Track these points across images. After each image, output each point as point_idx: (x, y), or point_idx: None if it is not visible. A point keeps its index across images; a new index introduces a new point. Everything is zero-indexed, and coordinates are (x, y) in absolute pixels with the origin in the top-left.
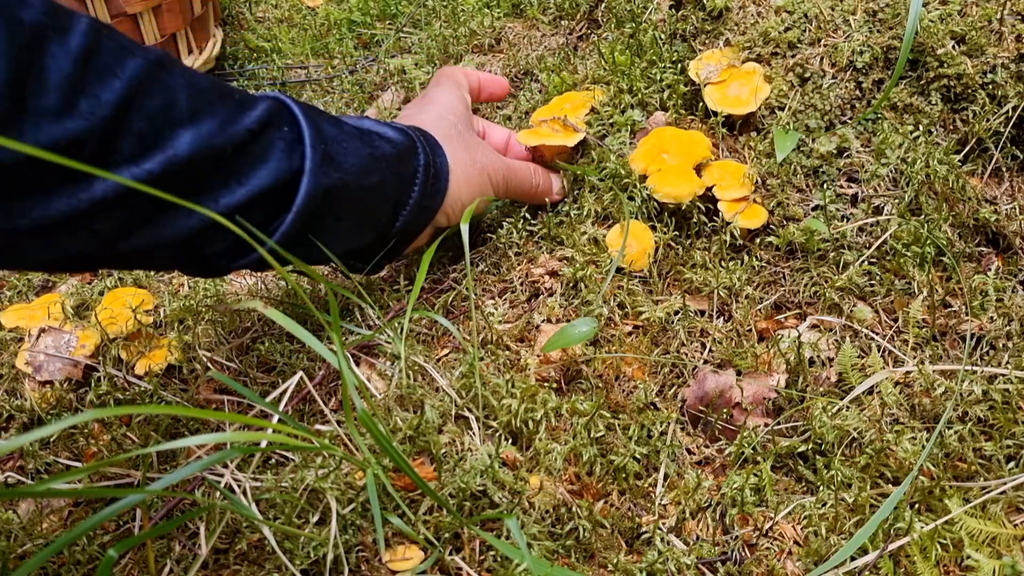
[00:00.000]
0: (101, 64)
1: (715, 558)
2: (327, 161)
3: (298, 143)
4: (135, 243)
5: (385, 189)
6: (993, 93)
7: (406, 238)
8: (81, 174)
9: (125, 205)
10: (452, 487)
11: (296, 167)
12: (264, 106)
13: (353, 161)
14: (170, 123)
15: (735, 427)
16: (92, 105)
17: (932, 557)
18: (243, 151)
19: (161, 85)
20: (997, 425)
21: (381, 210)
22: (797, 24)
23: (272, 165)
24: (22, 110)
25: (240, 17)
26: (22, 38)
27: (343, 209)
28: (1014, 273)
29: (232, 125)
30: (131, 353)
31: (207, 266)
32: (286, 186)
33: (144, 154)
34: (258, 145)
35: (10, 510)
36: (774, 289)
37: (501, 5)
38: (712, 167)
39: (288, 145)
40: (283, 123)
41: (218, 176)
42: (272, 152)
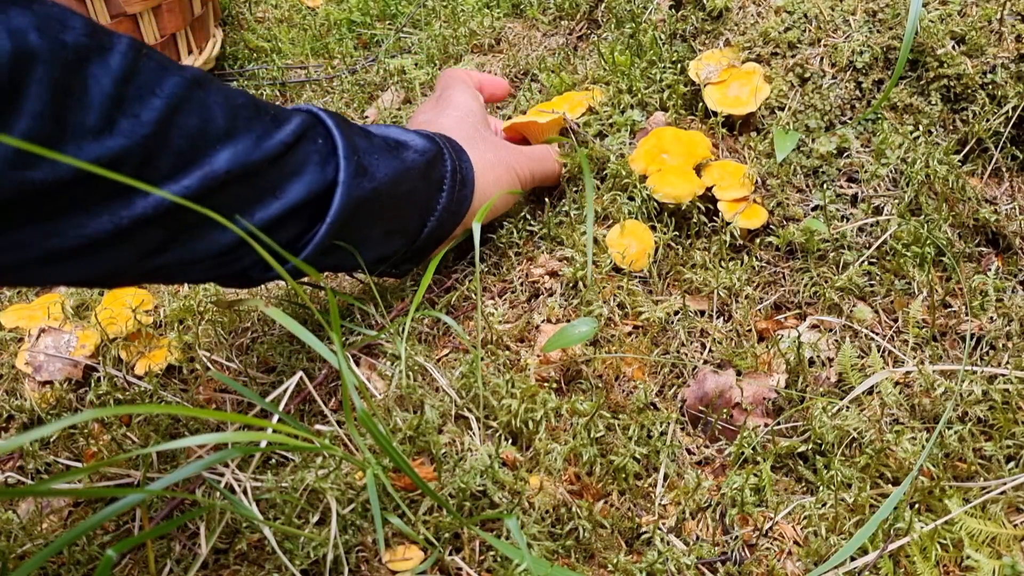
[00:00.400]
0: (141, 83)
1: (715, 558)
2: (360, 172)
3: (332, 155)
4: (171, 258)
5: (415, 197)
6: (993, 93)
7: (434, 242)
8: (122, 192)
9: (163, 222)
10: (452, 487)
11: (331, 179)
12: (298, 120)
13: (385, 171)
14: (208, 140)
15: (735, 427)
16: (132, 124)
17: (932, 557)
18: (278, 165)
19: (199, 103)
20: (997, 425)
21: (411, 217)
22: (797, 24)
23: (307, 178)
24: (63, 130)
25: (240, 17)
26: (65, 59)
27: (375, 218)
28: (1014, 273)
29: (267, 140)
30: (131, 353)
31: (242, 278)
32: (321, 198)
33: (183, 171)
34: (293, 159)
35: (10, 510)
36: (774, 289)
37: (501, 5)
38: (712, 167)
39: (322, 158)
40: (317, 136)
41: (254, 191)
42: (307, 165)
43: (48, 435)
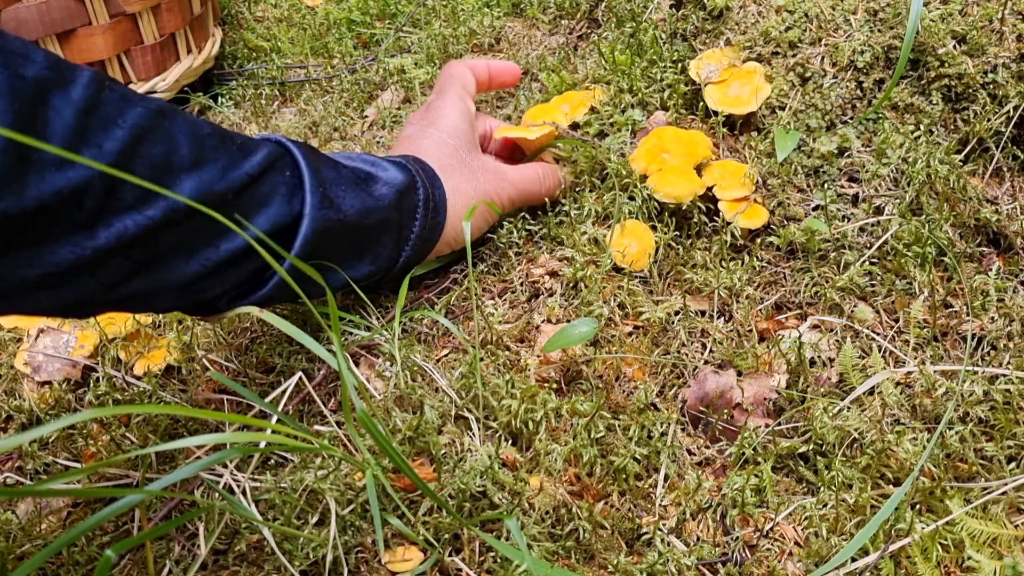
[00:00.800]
0: (103, 114)
1: (716, 559)
2: (327, 204)
3: (299, 188)
4: (136, 288)
5: (387, 226)
6: (994, 93)
7: (406, 269)
8: (84, 223)
9: (128, 252)
10: (452, 488)
11: (296, 211)
12: (265, 151)
13: (352, 204)
14: (172, 170)
15: (736, 428)
16: (94, 155)
17: (933, 558)
18: (244, 196)
19: (163, 133)
20: (998, 426)
21: (383, 245)
22: (798, 23)
23: (273, 210)
24: (26, 162)
25: (239, 16)
26: (26, 93)
27: (343, 247)
28: (1015, 273)
29: (233, 170)
30: (130, 353)
31: (208, 307)
32: (287, 229)
33: (146, 201)
34: (259, 190)
35: (9, 511)
36: (775, 289)
37: (501, 4)
38: (712, 167)
39: (289, 190)
40: (284, 167)
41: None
42: (273, 196)
43: (47, 435)
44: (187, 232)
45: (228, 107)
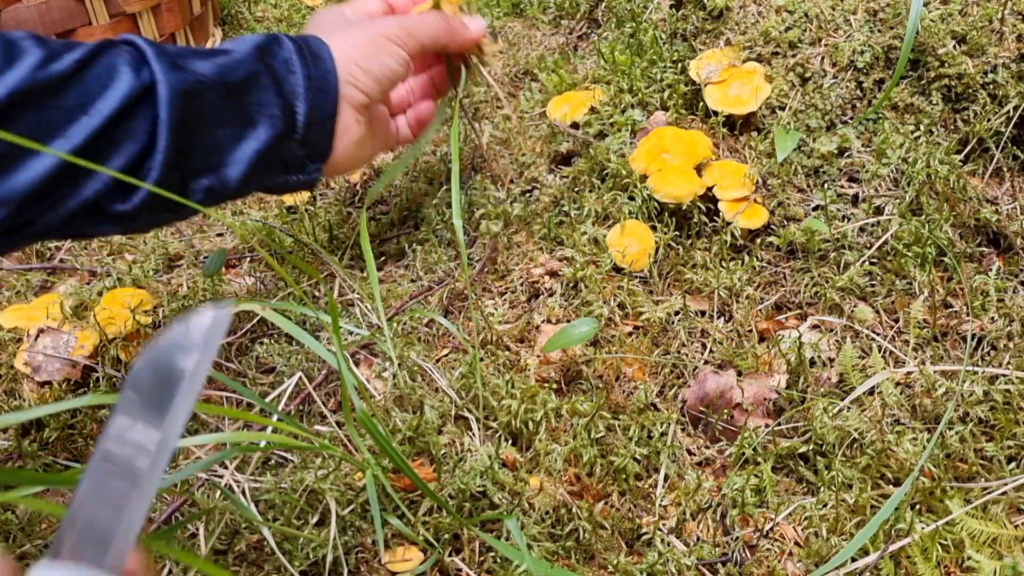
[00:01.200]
0: None
1: (716, 559)
2: (177, 68)
3: (142, 62)
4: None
5: (258, 80)
6: (994, 93)
7: (322, 129)
8: None
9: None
10: (452, 488)
11: (147, 80)
12: (92, 44)
13: (206, 66)
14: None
15: (736, 428)
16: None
17: (933, 558)
18: (76, 81)
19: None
20: (998, 426)
21: (267, 103)
22: (798, 24)
23: (119, 86)
24: None
25: (239, 16)
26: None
27: (219, 111)
28: (1015, 273)
29: (55, 62)
30: (130, 353)
31: (92, 218)
32: (142, 102)
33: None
34: (93, 72)
35: (8, 511)
36: (775, 289)
37: (501, 4)
38: (713, 167)
39: (131, 64)
40: (120, 51)
41: (56, 112)
42: (115, 74)
43: (38, 416)
44: (20, 130)
45: None
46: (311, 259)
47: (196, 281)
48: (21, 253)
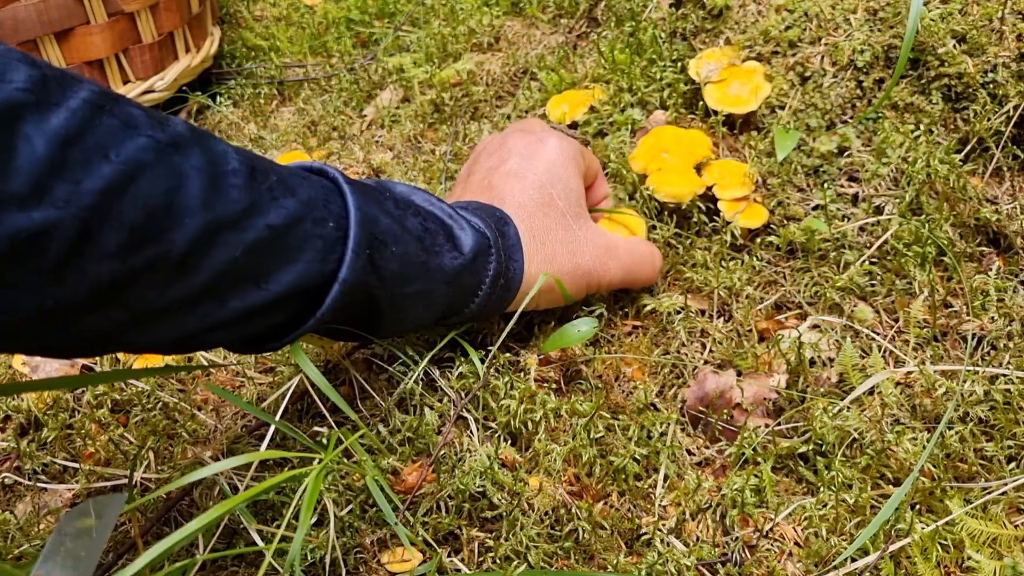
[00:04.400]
0: (90, 144)
1: (715, 559)
2: (370, 270)
3: (340, 243)
4: (123, 341)
5: (433, 300)
6: (994, 92)
7: None
8: (49, 268)
9: (103, 306)
10: (451, 488)
11: (329, 272)
12: (306, 191)
13: (393, 269)
14: (171, 213)
15: (735, 428)
16: (69, 192)
17: (933, 558)
18: (269, 248)
19: (168, 168)
20: (998, 426)
21: (420, 318)
22: (798, 23)
23: (300, 267)
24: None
25: (238, 16)
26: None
27: (369, 316)
28: (1015, 273)
29: (257, 217)
30: (128, 353)
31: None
32: (314, 290)
33: (134, 249)
34: (289, 240)
35: (7, 511)
36: (775, 289)
37: (500, 3)
38: (712, 166)
39: (327, 245)
40: (328, 214)
41: (232, 277)
42: (305, 251)
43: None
44: None
45: (227, 106)
46: None
47: None
48: None
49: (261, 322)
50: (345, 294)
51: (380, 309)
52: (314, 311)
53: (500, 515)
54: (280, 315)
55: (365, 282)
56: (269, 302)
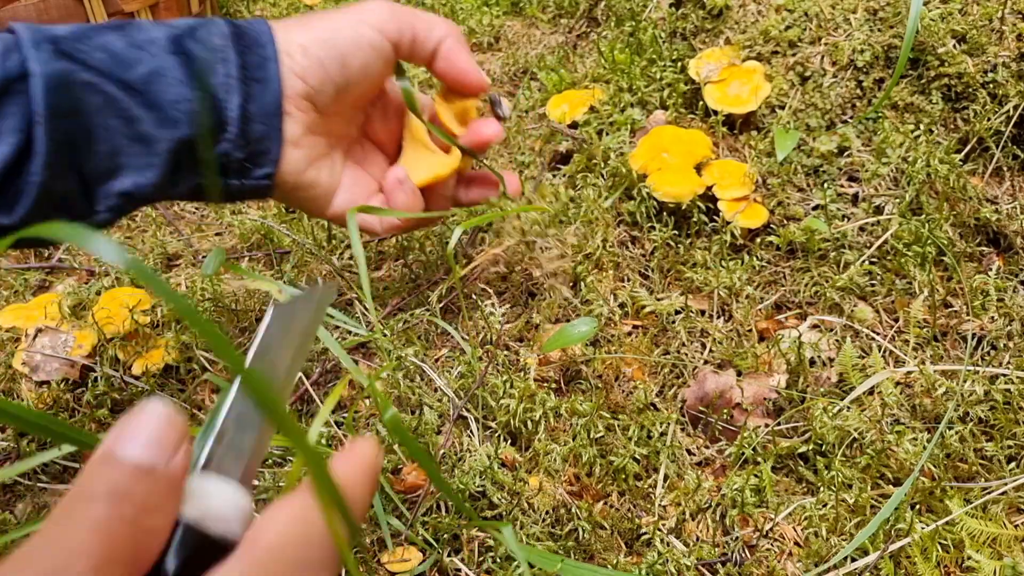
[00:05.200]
0: None
1: (715, 559)
2: (64, 56)
3: (13, 49)
4: None
5: (168, 73)
6: (994, 92)
7: (264, 126)
8: None
9: None
10: (451, 488)
11: (14, 70)
12: None
13: (101, 56)
14: None
15: (735, 428)
16: None
17: (933, 558)
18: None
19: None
20: (998, 425)
21: (178, 96)
22: (798, 22)
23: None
24: None
25: (237, 15)
26: None
27: (115, 107)
28: (1015, 273)
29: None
30: (128, 353)
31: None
32: (9, 95)
33: None
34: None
35: (7, 511)
36: (774, 289)
37: (500, 3)
38: (712, 166)
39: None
40: None
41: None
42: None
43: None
44: None
45: None
46: (310, 259)
47: (195, 280)
48: (19, 252)
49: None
50: (47, 82)
51: (107, 107)
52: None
53: (500, 515)
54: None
55: (67, 70)
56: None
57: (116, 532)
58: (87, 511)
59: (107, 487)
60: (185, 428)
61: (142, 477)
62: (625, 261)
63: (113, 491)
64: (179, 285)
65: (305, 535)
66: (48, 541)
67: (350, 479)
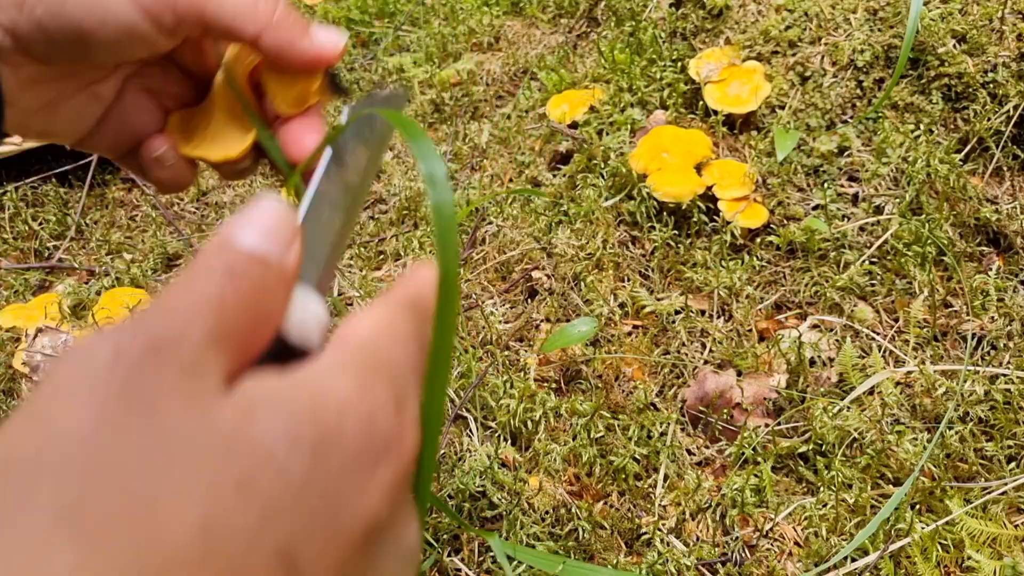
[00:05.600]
0: None
1: (715, 559)
2: None
3: None
4: None
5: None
6: (994, 92)
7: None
8: None
9: None
10: (451, 488)
11: None
12: None
13: None
14: None
15: (735, 427)
16: None
17: (933, 558)
18: None
19: None
20: (998, 425)
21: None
22: (798, 22)
23: None
24: None
25: None
26: None
27: None
28: (1015, 273)
29: None
30: None
31: None
32: None
33: None
34: None
35: None
36: (774, 289)
37: (500, 3)
38: (712, 166)
39: None
40: None
41: None
42: None
43: None
44: None
45: None
46: None
47: None
48: (19, 252)
49: None
50: None
51: None
52: None
53: (500, 514)
54: None
55: None
56: None
57: (231, 306)
58: (205, 283)
59: (224, 265)
60: (297, 226)
61: (258, 265)
62: (625, 261)
63: (230, 269)
64: None
65: (395, 335)
66: (164, 307)
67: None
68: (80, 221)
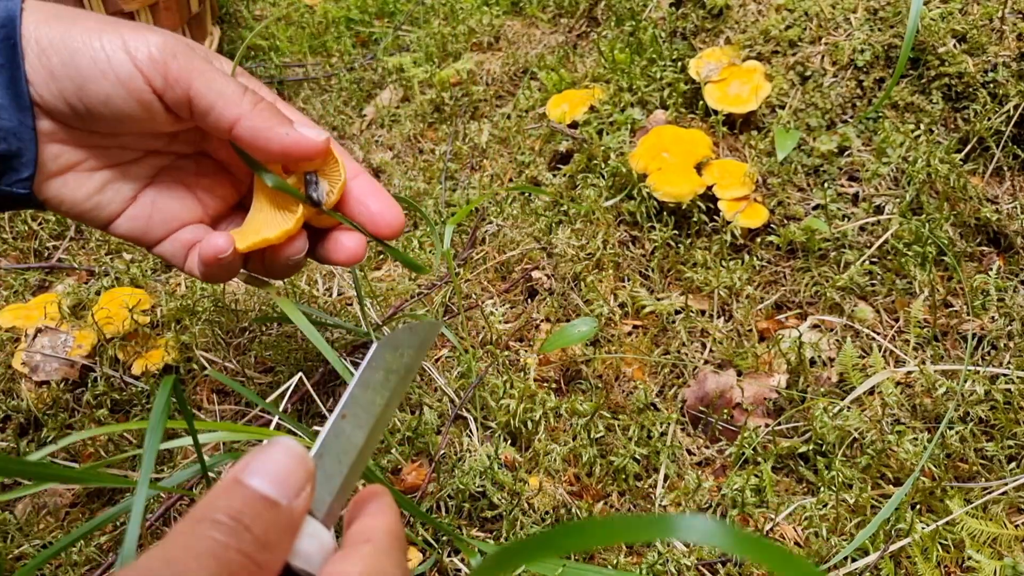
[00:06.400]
0: None
1: (715, 559)
2: None
3: None
4: None
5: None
6: (994, 92)
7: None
8: None
9: None
10: (451, 488)
11: None
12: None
13: None
14: None
15: (735, 427)
16: None
17: (933, 558)
18: None
19: None
20: (999, 425)
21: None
22: (798, 22)
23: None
24: None
25: (238, 15)
26: None
27: None
28: (1015, 273)
29: None
30: (128, 353)
31: None
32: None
33: None
34: None
35: (7, 511)
36: (775, 289)
37: (500, 3)
38: (712, 166)
39: None
40: None
41: None
42: None
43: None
44: None
45: None
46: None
47: (194, 281)
48: (19, 252)
49: None
50: None
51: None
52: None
53: (500, 515)
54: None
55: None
56: None
57: (232, 561)
58: (208, 534)
59: (230, 513)
60: (312, 471)
61: (265, 509)
62: (625, 261)
63: (236, 518)
64: (179, 285)
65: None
66: (167, 559)
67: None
68: None
